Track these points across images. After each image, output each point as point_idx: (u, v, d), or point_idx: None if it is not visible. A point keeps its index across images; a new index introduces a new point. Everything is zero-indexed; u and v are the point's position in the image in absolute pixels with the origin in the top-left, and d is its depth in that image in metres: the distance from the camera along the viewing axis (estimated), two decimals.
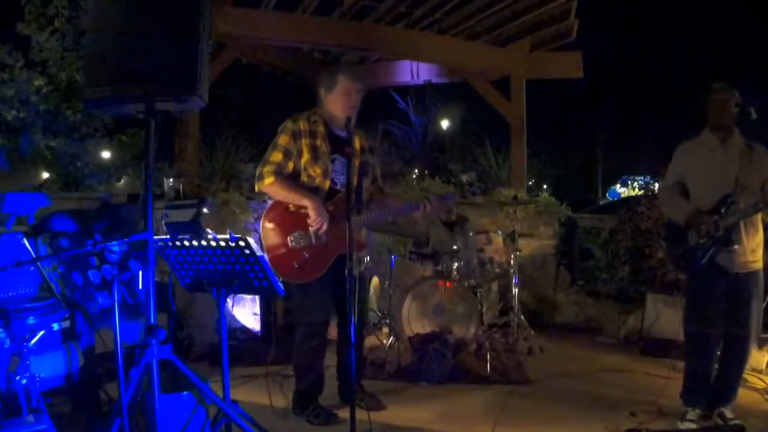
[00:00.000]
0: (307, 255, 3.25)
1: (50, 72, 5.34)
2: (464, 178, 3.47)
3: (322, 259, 3.29)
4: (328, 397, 3.58)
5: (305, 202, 3.24)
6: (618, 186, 33.61)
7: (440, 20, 6.58)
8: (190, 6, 2.49)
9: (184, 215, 4.61)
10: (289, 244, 3.24)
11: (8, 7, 5.41)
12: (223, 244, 2.59)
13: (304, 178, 3.34)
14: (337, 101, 3.37)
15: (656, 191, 5.41)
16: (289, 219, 3.26)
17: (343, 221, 2.96)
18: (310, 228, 3.25)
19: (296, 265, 3.24)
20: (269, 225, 3.27)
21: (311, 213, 3.22)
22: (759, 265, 3.31)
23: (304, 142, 3.33)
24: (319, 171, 3.33)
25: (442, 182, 6.76)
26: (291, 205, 3.28)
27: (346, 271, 2.78)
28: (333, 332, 3.69)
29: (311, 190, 3.33)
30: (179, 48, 2.46)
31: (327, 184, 3.37)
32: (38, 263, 3.13)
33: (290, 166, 3.33)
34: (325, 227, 3.24)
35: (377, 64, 7.74)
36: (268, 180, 3.27)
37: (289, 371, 4.00)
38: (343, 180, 3.37)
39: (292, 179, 3.33)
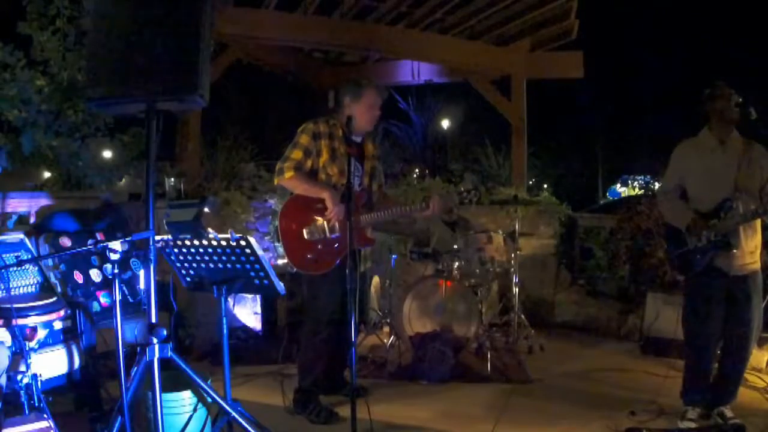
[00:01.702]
0: (320, 247, 3.39)
1: (52, 72, 5.34)
2: (462, 187, 3.62)
3: (336, 252, 3.41)
4: (327, 395, 3.59)
5: (324, 194, 3.40)
6: (618, 186, 33.61)
7: (441, 20, 6.59)
8: (191, 6, 2.50)
9: (185, 215, 4.61)
10: (305, 236, 3.38)
11: (9, 6, 5.41)
12: (224, 243, 2.61)
13: (322, 176, 3.50)
14: (363, 112, 3.52)
15: (656, 192, 5.41)
16: (305, 213, 3.42)
17: (356, 217, 3.15)
18: (325, 220, 3.39)
19: (310, 257, 3.38)
20: (286, 218, 3.43)
21: (329, 203, 3.38)
22: (757, 266, 3.29)
23: (323, 143, 3.48)
24: (336, 170, 3.48)
25: (443, 182, 6.77)
26: (308, 199, 3.42)
27: (347, 271, 2.88)
28: None
29: None
30: (180, 48, 2.47)
31: (343, 183, 3.47)
32: (40, 262, 3.14)
33: (309, 163, 3.48)
34: (340, 218, 3.37)
35: (378, 64, 7.76)
36: (288, 174, 3.42)
37: (289, 370, 4.03)
38: (358, 180, 3.56)
39: (310, 175, 3.49)
